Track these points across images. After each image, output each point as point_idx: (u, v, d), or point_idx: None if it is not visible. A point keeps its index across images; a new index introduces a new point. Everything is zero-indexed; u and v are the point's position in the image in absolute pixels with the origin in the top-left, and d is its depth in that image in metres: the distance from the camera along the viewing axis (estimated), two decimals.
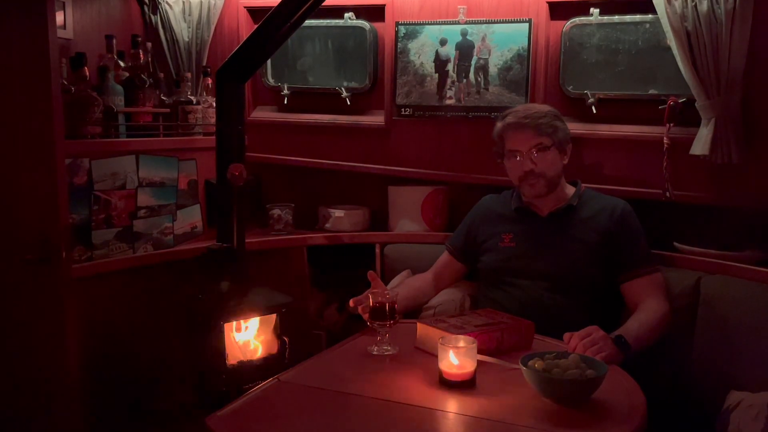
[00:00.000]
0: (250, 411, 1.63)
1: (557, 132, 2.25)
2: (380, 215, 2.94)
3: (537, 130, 2.23)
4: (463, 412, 1.59)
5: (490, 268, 2.32)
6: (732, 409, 1.81)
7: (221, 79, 2.40)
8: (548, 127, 2.24)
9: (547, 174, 2.24)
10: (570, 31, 2.54)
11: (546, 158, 2.24)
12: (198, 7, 2.95)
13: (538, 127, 2.23)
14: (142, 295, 2.55)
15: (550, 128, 2.24)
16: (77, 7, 2.76)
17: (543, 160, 2.23)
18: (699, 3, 2.18)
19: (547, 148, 2.24)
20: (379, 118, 2.85)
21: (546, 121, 2.24)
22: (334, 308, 2.94)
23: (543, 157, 2.23)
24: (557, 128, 2.26)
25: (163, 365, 2.55)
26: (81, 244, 2.36)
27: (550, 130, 2.24)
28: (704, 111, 2.23)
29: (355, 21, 2.85)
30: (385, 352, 1.90)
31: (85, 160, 2.37)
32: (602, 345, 1.81)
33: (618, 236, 2.20)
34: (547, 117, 2.26)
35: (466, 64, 2.68)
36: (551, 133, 2.24)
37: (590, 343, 1.80)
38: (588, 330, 1.85)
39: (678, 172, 2.32)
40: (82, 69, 2.42)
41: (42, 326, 2.22)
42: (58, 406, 2.23)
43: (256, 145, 2.96)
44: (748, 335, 2.04)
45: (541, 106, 2.33)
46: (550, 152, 2.24)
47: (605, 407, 1.58)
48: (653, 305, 2.09)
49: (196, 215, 2.79)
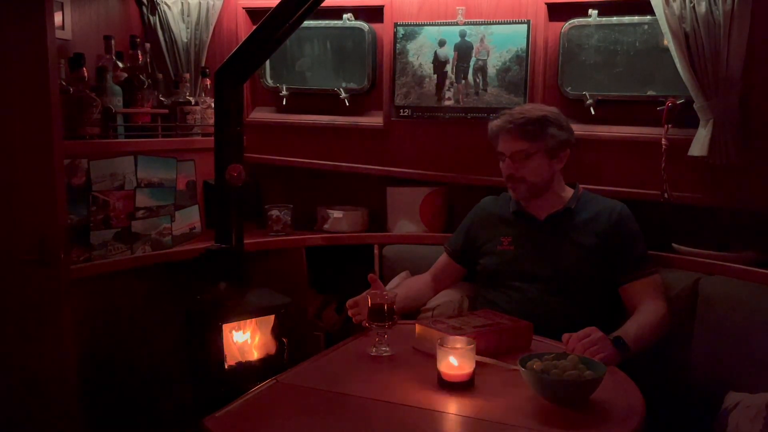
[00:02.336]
0: (249, 412, 1.63)
1: (546, 138, 2.20)
2: (379, 216, 2.94)
3: (520, 135, 2.20)
4: (461, 413, 1.59)
5: (489, 271, 2.32)
6: (730, 410, 1.82)
7: (220, 80, 2.40)
8: (533, 133, 2.20)
9: (528, 179, 2.22)
10: (568, 32, 2.54)
11: (528, 164, 2.21)
12: (197, 8, 2.95)
13: (523, 132, 2.20)
14: (141, 296, 2.55)
15: (536, 135, 2.20)
16: (76, 7, 2.75)
17: (524, 166, 2.21)
18: (697, 4, 2.18)
19: (530, 154, 2.20)
20: (378, 119, 2.85)
21: (534, 127, 2.20)
22: (333, 309, 2.94)
23: (524, 163, 2.21)
24: (546, 135, 2.21)
25: (162, 366, 2.55)
26: (79, 244, 2.35)
27: (535, 136, 2.20)
28: (702, 112, 2.23)
29: (353, 22, 2.86)
30: (383, 353, 1.89)
31: (84, 161, 2.36)
32: (601, 346, 1.81)
33: (616, 239, 2.20)
34: (539, 122, 2.21)
35: (464, 65, 2.68)
36: (538, 139, 2.20)
37: (589, 344, 1.81)
38: (587, 331, 1.85)
39: (676, 173, 2.33)
40: (80, 69, 2.42)
41: (40, 327, 2.21)
42: (57, 407, 2.22)
43: (255, 145, 2.96)
44: (746, 336, 2.04)
45: (537, 109, 2.28)
46: (533, 159, 2.21)
47: (604, 408, 1.58)
48: (651, 307, 2.09)
49: (194, 216, 2.79)
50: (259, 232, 2.88)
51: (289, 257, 2.83)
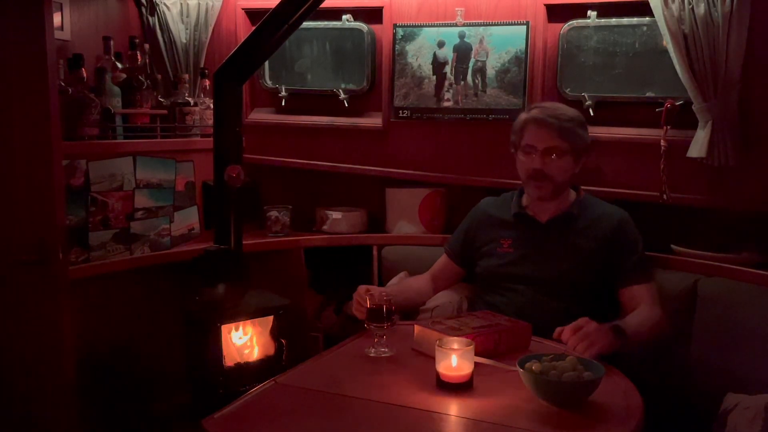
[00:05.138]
0: (247, 413, 1.62)
1: (577, 139, 2.21)
2: (378, 217, 2.94)
3: (559, 131, 2.18)
4: (460, 414, 1.59)
5: (489, 273, 2.31)
6: (729, 411, 1.82)
7: (219, 81, 2.40)
8: (571, 132, 2.19)
9: (556, 179, 2.21)
10: (567, 33, 2.54)
11: (559, 162, 2.20)
12: (196, 9, 2.95)
13: (561, 129, 2.18)
14: (139, 296, 2.55)
15: (572, 134, 2.20)
16: (75, 8, 2.75)
17: (555, 163, 2.20)
18: (696, 6, 2.18)
19: (564, 153, 2.19)
20: (377, 120, 2.85)
21: (570, 126, 2.20)
22: (332, 310, 2.94)
23: (556, 160, 2.19)
24: (578, 135, 2.21)
25: (160, 367, 2.55)
26: (78, 245, 2.35)
27: (571, 135, 2.19)
28: (701, 113, 2.24)
29: (352, 23, 2.86)
30: (382, 354, 1.89)
31: (83, 162, 2.36)
32: (594, 338, 1.79)
33: (615, 245, 2.19)
34: (573, 122, 2.21)
35: (463, 66, 2.68)
36: (571, 139, 2.20)
37: (583, 336, 1.79)
38: (578, 323, 1.84)
39: (675, 175, 2.33)
40: (79, 70, 2.42)
41: (38, 328, 2.21)
42: (55, 408, 2.22)
43: (254, 146, 2.96)
44: (745, 337, 2.04)
45: (569, 110, 2.26)
46: (565, 158, 2.20)
47: (602, 409, 1.58)
48: (649, 309, 2.10)
49: (193, 217, 2.79)
50: (258, 233, 2.87)
51: (288, 258, 2.83)
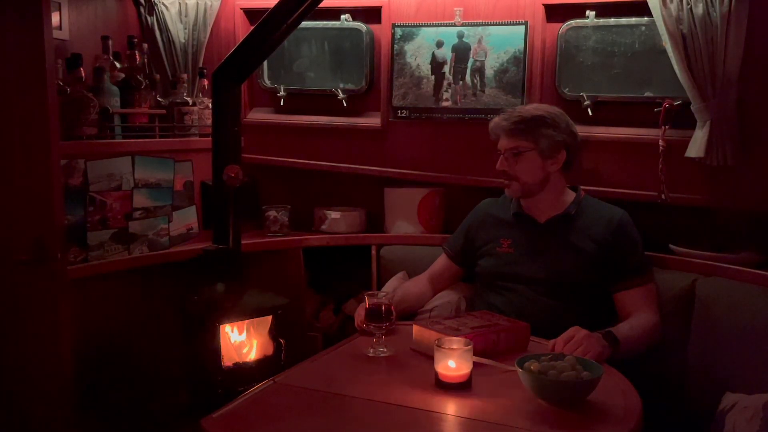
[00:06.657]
0: (246, 413, 1.63)
1: (540, 138, 2.21)
2: (376, 217, 2.94)
3: (513, 132, 2.22)
4: (459, 414, 1.59)
5: (488, 273, 2.32)
6: (727, 411, 1.82)
7: (217, 81, 2.40)
8: (527, 132, 2.21)
9: (522, 178, 2.23)
10: (566, 33, 2.54)
11: (520, 163, 2.22)
12: (194, 9, 2.95)
13: (515, 131, 2.21)
14: (138, 296, 2.54)
15: (530, 133, 2.20)
16: (73, 8, 2.75)
17: (516, 164, 2.22)
18: (695, 6, 2.18)
19: (521, 153, 2.21)
20: (376, 119, 2.85)
21: (526, 126, 2.21)
22: (331, 310, 2.94)
23: (517, 161, 2.22)
24: (542, 134, 2.21)
25: (159, 367, 2.54)
26: (76, 245, 2.35)
27: (529, 135, 2.20)
28: (700, 113, 2.24)
29: (351, 23, 2.86)
30: (381, 354, 1.89)
31: (81, 161, 2.36)
32: (586, 346, 1.80)
33: (614, 246, 2.19)
34: (532, 121, 2.22)
35: (462, 66, 2.68)
36: (531, 138, 2.20)
37: (575, 345, 1.80)
38: (569, 333, 1.85)
39: (673, 175, 2.33)
40: (77, 70, 2.42)
41: (37, 328, 2.21)
42: (53, 407, 2.22)
43: (253, 146, 2.96)
44: (743, 337, 2.04)
45: (535, 108, 2.28)
46: (525, 157, 2.21)
47: (601, 409, 1.58)
48: (643, 316, 2.11)
49: (191, 217, 2.78)
50: (257, 233, 2.87)
51: (286, 258, 2.83)
